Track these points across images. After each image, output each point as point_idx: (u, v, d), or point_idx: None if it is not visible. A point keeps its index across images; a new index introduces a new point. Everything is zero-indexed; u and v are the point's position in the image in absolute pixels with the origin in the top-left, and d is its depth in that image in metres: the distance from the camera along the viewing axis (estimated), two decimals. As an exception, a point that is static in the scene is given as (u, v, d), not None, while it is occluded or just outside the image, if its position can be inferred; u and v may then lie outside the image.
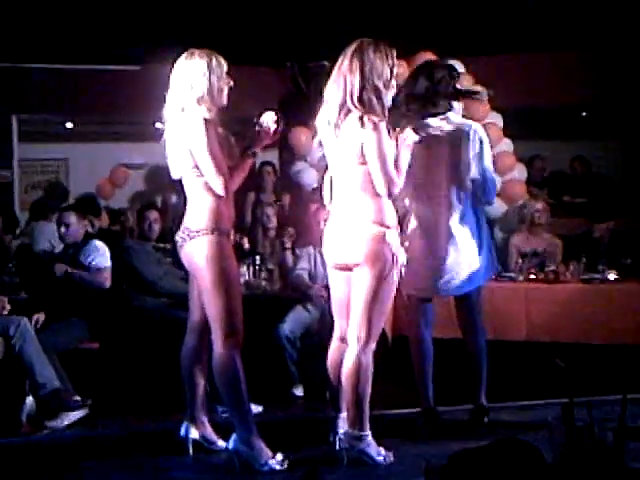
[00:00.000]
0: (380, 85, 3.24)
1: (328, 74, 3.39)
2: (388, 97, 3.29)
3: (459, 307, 3.83)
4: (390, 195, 3.23)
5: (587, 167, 7.80)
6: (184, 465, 3.40)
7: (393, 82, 3.29)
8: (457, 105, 3.74)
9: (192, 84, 3.25)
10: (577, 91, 7.21)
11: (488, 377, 3.88)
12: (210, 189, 3.23)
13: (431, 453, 3.22)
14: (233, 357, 3.23)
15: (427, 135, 3.59)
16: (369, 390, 3.26)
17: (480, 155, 3.64)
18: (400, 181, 3.24)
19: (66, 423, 4.38)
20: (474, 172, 3.62)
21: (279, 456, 3.26)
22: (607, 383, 3.69)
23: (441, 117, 3.66)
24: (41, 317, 4.78)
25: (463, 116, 3.86)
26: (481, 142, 3.65)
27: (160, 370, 4.73)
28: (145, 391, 4.80)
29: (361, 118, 3.19)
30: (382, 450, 3.31)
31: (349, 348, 3.29)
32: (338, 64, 3.29)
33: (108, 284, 5.02)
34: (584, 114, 8.29)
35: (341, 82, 3.25)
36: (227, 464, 3.29)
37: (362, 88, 3.21)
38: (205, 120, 3.21)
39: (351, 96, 3.22)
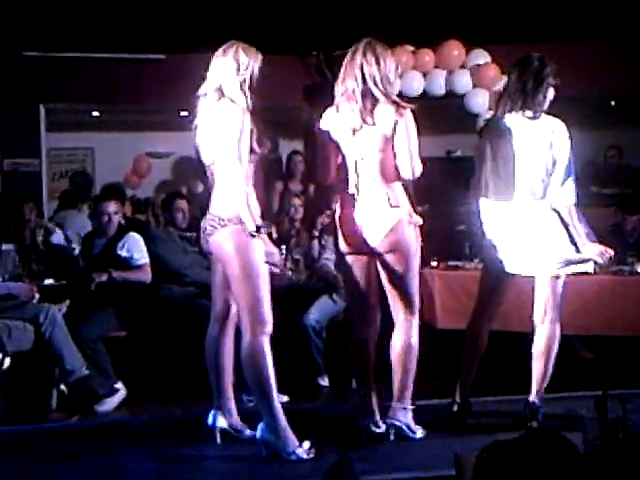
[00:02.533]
0: (392, 78, 3.42)
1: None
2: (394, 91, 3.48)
3: (538, 294, 3.72)
4: (413, 177, 3.40)
5: (621, 157, 7.68)
6: (212, 453, 3.42)
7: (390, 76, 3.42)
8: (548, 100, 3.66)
9: (237, 72, 3.29)
10: (606, 80, 7.12)
11: (518, 369, 3.86)
12: (249, 179, 3.26)
13: (459, 444, 3.23)
14: (262, 346, 3.24)
15: (521, 130, 3.58)
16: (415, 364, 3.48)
17: (559, 153, 3.56)
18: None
19: (104, 409, 4.45)
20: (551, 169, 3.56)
21: (306, 444, 3.27)
22: (638, 376, 3.66)
23: (534, 113, 3.59)
24: (64, 306, 4.82)
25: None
26: (565, 140, 3.58)
27: (187, 359, 4.75)
28: (173, 380, 4.84)
29: (396, 103, 3.37)
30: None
31: (397, 327, 3.48)
32: (349, 60, 3.42)
33: (150, 279, 5.03)
34: (613, 103, 8.18)
35: (358, 74, 3.37)
36: (255, 453, 3.31)
37: (381, 78, 3.36)
38: (244, 108, 3.25)
39: (375, 84, 3.36)
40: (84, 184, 7.83)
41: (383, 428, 3.48)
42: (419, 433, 3.50)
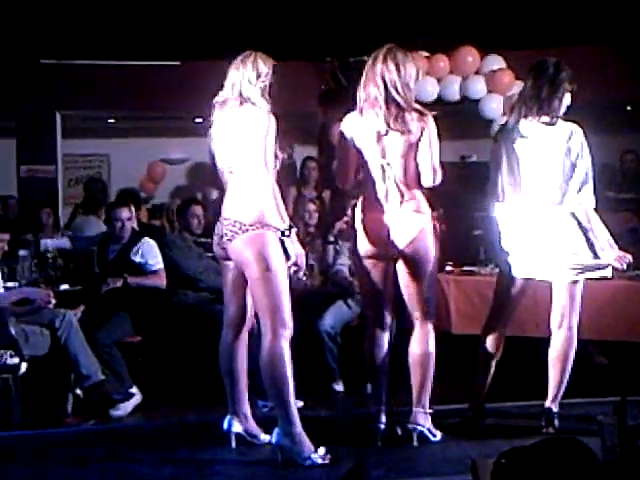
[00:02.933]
0: (412, 85, 3.44)
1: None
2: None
3: (555, 299, 3.71)
4: (434, 184, 3.45)
5: (638, 161, 7.64)
6: (227, 458, 3.41)
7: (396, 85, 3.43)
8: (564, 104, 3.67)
9: (257, 80, 3.32)
10: (622, 85, 7.09)
11: (532, 375, 3.85)
12: (274, 182, 3.27)
13: (476, 449, 3.22)
14: (282, 349, 3.24)
15: (537, 136, 3.59)
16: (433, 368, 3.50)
17: (576, 159, 3.57)
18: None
19: (119, 414, 4.47)
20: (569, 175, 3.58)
21: (321, 450, 3.26)
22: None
23: (551, 119, 3.60)
24: (79, 311, 4.83)
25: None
26: (582, 145, 3.59)
27: (202, 363, 4.76)
28: (187, 384, 4.85)
29: (418, 111, 3.42)
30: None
31: (415, 333, 3.50)
32: (369, 66, 3.46)
33: (165, 284, 5.04)
34: (629, 108, 8.14)
35: (379, 81, 3.41)
36: (270, 458, 3.30)
37: (402, 85, 3.40)
38: (268, 112, 3.28)
39: (397, 91, 3.40)
40: (98, 190, 7.87)
41: (389, 430, 3.51)
42: (439, 436, 3.53)
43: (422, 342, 3.50)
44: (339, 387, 5.09)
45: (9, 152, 8.09)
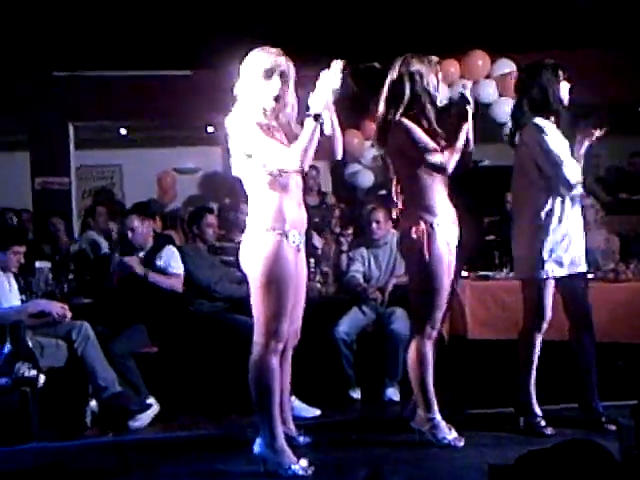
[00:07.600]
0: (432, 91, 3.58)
1: (379, 76, 3.50)
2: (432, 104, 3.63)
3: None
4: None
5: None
6: (246, 470, 3.37)
7: (428, 88, 3.60)
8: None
9: (247, 83, 3.25)
10: (632, 87, 7.07)
11: (548, 379, 3.84)
12: (273, 187, 3.18)
13: (493, 454, 3.21)
14: (270, 363, 3.17)
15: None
16: (431, 375, 3.52)
17: None
18: None
19: (137, 425, 4.46)
20: None
21: (303, 462, 3.20)
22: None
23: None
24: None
25: None
26: None
27: (219, 373, 4.77)
28: (205, 394, 4.84)
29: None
30: (453, 432, 3.49)
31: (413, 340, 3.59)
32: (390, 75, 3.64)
33: (181, 289, 5.05)
34: (640, 109, 8.11)
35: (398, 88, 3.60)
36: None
37: (386, 108, 3.59)
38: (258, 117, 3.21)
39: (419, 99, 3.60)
40: (108, 201, 7.90)
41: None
42: (449, 437, 3.48)
43: (415, 347, 3.55)
44: (356, 394, 5.07)
45: (23, 165, 8.14)
